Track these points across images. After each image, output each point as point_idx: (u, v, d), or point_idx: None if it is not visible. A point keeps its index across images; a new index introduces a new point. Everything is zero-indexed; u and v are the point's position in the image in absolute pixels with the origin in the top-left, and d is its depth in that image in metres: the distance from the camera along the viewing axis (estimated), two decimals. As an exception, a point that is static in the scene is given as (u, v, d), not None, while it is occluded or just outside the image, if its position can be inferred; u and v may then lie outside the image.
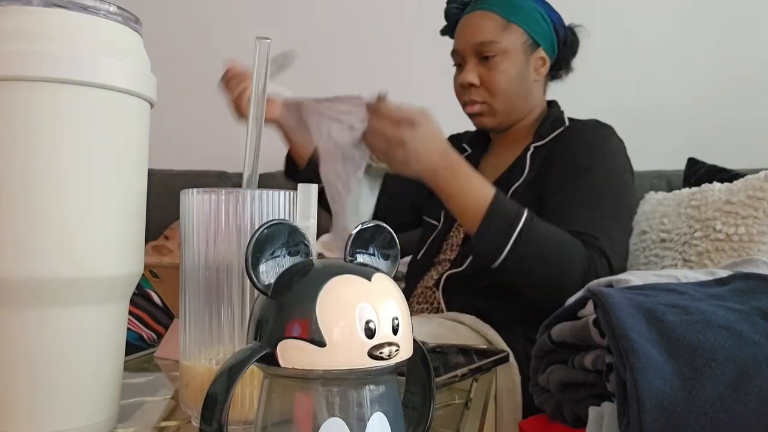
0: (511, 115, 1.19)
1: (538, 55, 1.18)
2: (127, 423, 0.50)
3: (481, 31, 1.15)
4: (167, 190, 1.22)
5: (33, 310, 0.42)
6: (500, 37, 1.14)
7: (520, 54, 1.15)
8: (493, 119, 1.19)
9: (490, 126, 1.20)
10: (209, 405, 0.31)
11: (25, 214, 0.42)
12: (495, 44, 1.13)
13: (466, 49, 1.17)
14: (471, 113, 1.19)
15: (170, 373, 0.69)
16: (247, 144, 0.50)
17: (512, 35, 1.15)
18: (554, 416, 0.72)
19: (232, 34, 2.44)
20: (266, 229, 0.33)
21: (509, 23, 1.15)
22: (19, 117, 0.41)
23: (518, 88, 1.16)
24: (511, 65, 1.15)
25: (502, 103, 1.16)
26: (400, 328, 0.33)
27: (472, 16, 1.18)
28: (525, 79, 1.17)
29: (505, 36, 1.14)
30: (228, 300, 0.45)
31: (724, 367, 0.53)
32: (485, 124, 1.20)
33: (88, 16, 0.44)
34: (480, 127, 1.23)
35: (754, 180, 1.16)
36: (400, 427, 0.35)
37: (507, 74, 1.15)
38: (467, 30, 1.17)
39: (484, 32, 1.15)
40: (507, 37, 1.14)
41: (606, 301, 0.60)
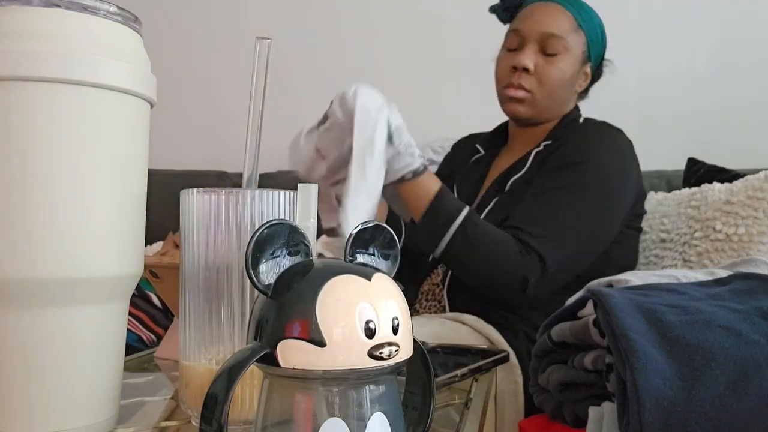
0: (546, 113, 1.18)
1: (586, 69, 1.20)
2: (127, 423, 0.50)
3: (554, 23, 1.14)
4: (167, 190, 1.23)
5: (32, 310, 0.42)
6: (569, 36, 1.14)
7: (578, 60, 1.17)
8: (530, 110, 1.17)
9: (523, 116, 1.18)
10: (209, 405, 0.31)
11: (25, 214, 0.42)
12: (563, 41, 1.14)
13: (532, 35, 1.15)
14: (511, 97, 1.17)
15: (170, 373, 0.69)
16: (247, 144, 0.50)
17: (578, 39, 1.16)
18: (554, 416, 0.73)
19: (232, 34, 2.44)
20: (266, 229, 0.33)
21: (579, 27, 1.16)
22: (18, 117, 0.41)
23: (565, 89, 1.17)
24: (568, 66, 1.15)
25: (546, 98, 1.16)
26: (400, 328, 0.33)
27: (545, 6, 1.17)
28: (571, 85, 1.18)
29: (573, 37, 1.15)
30: (228, 300, 0.45)
31: (724, 367, 0.53)
32: (519, 112, 1.18)
33: (87, 15, 0.44)
34: (511, 114, 1.20)
35: (754, 180, 1.16)
36: (400, 427, 0.35)
37: (562, 73, 1.15)
38: (538, 18, 1.16)
39: (557, 26, 1.14)
40: (574, 39, 1.15)
41: (606, 301, 0.60)
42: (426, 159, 2.08)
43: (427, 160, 2.08)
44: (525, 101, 1.16)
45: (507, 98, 1.17)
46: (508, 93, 1.17)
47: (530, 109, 1.17)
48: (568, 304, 0.71)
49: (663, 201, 1.31)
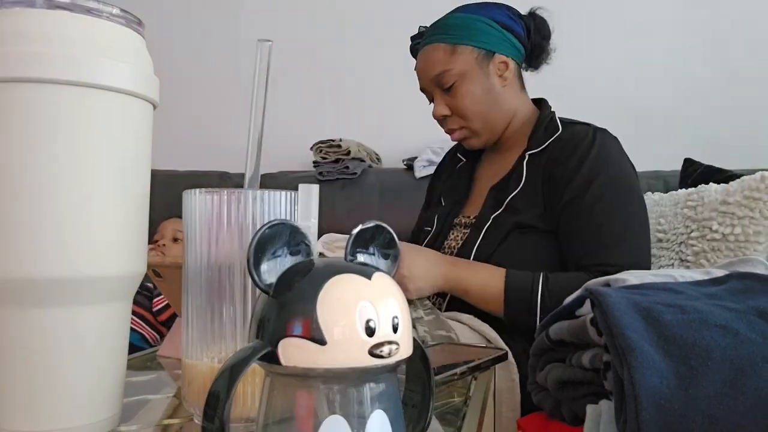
0: (494, 129, 1.20)
1: (497, 61, 1.17)
2: (131, 421, 0.51)
3: (433, 64, 1.16)
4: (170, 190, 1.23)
5: (36, 310, 0.42)
6: (451, 63, 1.15)
7: (477, 70, 1.16)
8: (479, 139, 1.20)
9: (481, 146, 1.22)
10: (211, 403, 0.32)
11: (28, 214, 0.42)
12: (449, 72, 1.15)
13: (428, 85, 1.19)
14: (456, 140, 1.22)
15: (173, 371, 0.69)
16: (249, 145, 0.50)
17: (462, 57, 1.15)
18: (552, 414, 0.73)
19: (234, 36, 2.45)
20: (268, 229, 0.34)
21: (456, 46, 1.15)
22: (22, 118, 0.42)
23: (487, 103, 1.17)
24: (472, 85, 1.15)
25: (479, 123, 1.18)
26: (399, 326, 0.34)
27: (423, 52, 1.20)
28: (491, 92, 1.17)
29: (456, 60, 1.15)
30: (230, 299, 0.46)
31: (721, 366, 0.53)
32: (474, 145, 1.22)
33: (90, 18, 0.44)
34: (472, 149, 1.25)
35: (750, 180, 1.16)
36: (400, 424, 0.35)
37: (471, 95, 1.15)
38: (421, 67, 1.20)
39: (435, 64, 1.16)
40: (458, 61, 1.15)
41: (603, 300, 0.60)
42: (426, 159, 2.09)
43: (426, 161, 2.08)
44: (468, 137, 1.20)
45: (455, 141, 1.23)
46: (452, 139, 1.22)
47: (477, 138, 1.20)
48: (566, 302, 0.72)
49: (660, 201, 1.32)
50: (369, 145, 2.28)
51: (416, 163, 2.09)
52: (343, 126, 2.27)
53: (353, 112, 2.37)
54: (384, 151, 2.32)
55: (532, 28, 1.21)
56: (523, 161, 1.15)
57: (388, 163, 2.31)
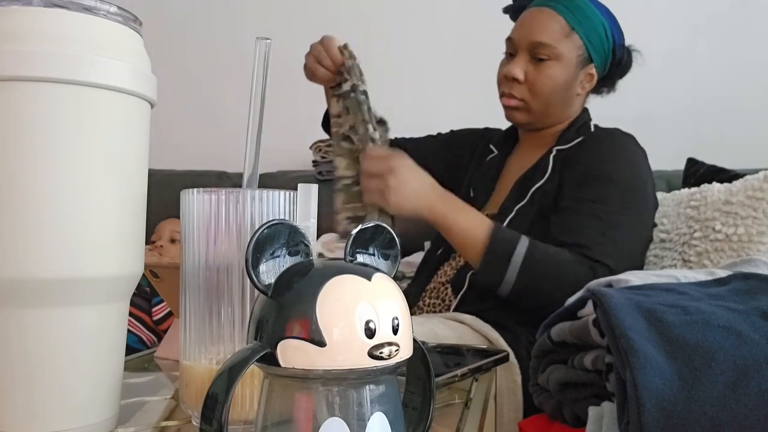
0: (545, 120, 1.18)
1: (589, 70, 1.17)
2: (128, 423, 0.50)
3: (542, 30, 1.13)
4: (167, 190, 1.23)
5: (33, 310, 0.42)
6: (559, 42, 1.12)
7: (573, 65, 1.14)
8: (527, 117, 1.18)
9: (521, 122, 1.19)
10: (209, 405, 0.32)
11: (25, 214, 0.42)
12: (552, 48, 1.12)
13: (522, 43, 1.14)
14: (506, 106, 1.18)
15: (170, 372, 0.69)
16: (247, 144, 0.50)
17: (571, 44, 1.13)
18: (554, 416, 0.73)
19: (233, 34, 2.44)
20: (266, 229, 0.33)
21: (572, 31, 1.13)
22: (19, 117, 0.41)
23: (560, 96, 1.16)
24: (560, 73, 1.13)
25: (540, 106, 1.16)
26: (400, 327, 0.33)
27: (538, 12, 1.15)
28: (569, 90, 1.16)
29: (565, 43, 1.13)
30: (228, 300, 0.46)
31: (724, 367, 0.53)
32: (517, 119, 1.19)
33: (88, 16, 0.44)
34: (510, 120, 1.22)
35: (754, 180, 1.16)
36: (400, 426, 0.35)
37: (554, 80, 1.13)
38: (529, 24, 1.15)
39: (546, 33, 1.12)
40: (566, 45, 1.13)
41: (605, 301, 0.60)
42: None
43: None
44: (519, 109, 1.17)
45: (504, 106, 1.19)
46: (503, 102, 1.18)
47: (526, 116, 1.17)
48: (567, 303, 0.71)
49: (662, 201, 1.31)
50: (369, 144, 2.28)
51: (416, 163, 2.09)
52: (343, 126, 2.26)
53: (353, 111, 2.36)
54: (384, 150, 2.32)
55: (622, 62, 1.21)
56: (550, 155, 1.15)
57: (388, 162, 2.31)
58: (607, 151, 1.12)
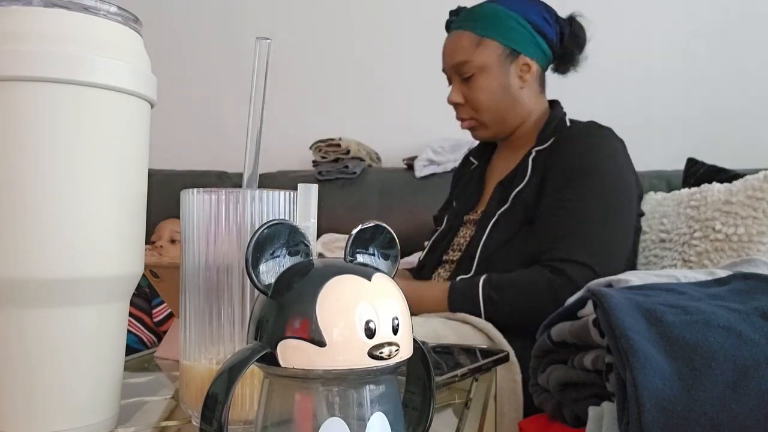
0: (504, 126, 1.21)
1: (521, 62, 1.18)
2: (128, 423, 0.50)
3: (456, 51, 1.18)
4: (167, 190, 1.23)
5: (32, 310, 0.42)
6: (474, 55, 1.16)
7: (498, 67, 1.17)
8: (487, 131, 1.22)
9: (487, 137, 1.24)
10: (209, 405, 0.31)
11: (25, 214, 0.42)
12: (470, 63, 1.16)
13: (448, 70, 1.21)
14: (465, 128, 1.23)
15: (170, 372, 0.69)
16: (248, 144, 0.50)
17: (487, 51, 1.16)
18: (554, 416, 0.73)
19: (233, 34, 2.44)
20: (266, 229, 0.33)
21: (483, 39, 1.16)
22: (19, 117, 0.41)
23: (502, 100, 1.18)
24: (490, 80, 1.16)
25: (489, 117, 1.19)
26: (400, 327, 0.33)
27: (450, 37, 1.21)
28: (508, 90, 1.18)
29: (480, 53, 1.16)
30: (228, 300, 0.45)
31: (724, 367, 0.53)
32: (480, 136, 1.24)
33: (88, 16, 0.44)
34: (477, 139, 1.26)
35: (754, 180, 1.16)
36: (400, 426, 0.35)
37: (487, 90, 1.17)
38: (446, 51, 1.21)
39: (459, 53, 1.17)
40: (481, 54, 1.16)
41: (605, 301, 0.60)
42: (426, 159, 2.09)
43: (426, 161, 2.08)
44: (476, 128, 1.22)
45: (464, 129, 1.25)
46: (461, 126, 1.24)
47: (486, 130, 1.22)
48: (567, 304, 0.71)
49: (662, 201, 1.31)
50: (369, 144, 2.28)
51: (416, 163, 2.09)
52: (343, 125, 2.26)
53: (353, 111, 2.37)
54: (384, 150, 2.32)
55: (567, 34, 1.21)
56: (529, 157, 1.16)
57: (388, 162, 2.31)
58: (583, 146, 1.13)
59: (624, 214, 1.11)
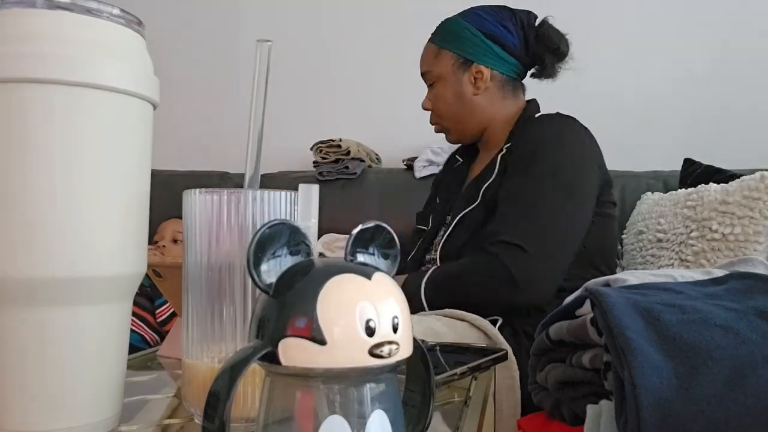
0: (464, 130, 1.27)
1: (473, 70, 1.23)
2: (131, 421, 0.51)
3: (421, 61, 1.28)
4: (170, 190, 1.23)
5: (35, 310, 0.42)
6: (433, 65, 1.24)
7: (452, 76, 1.23)
8: (452, 135, 1.29)
9: (454, 141, 1.32)
10: (212, 403, 0.32)
11: (27, 214, 0.42)
12: (430, 73, 1.26)
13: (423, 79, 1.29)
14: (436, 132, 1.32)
15: (173, 371, 0.69)
16: (249, 145, 0.50)
17: (442, 61, 1.24)
18: (552, 414, 0.73)
19: (234, 36, 2.45)
20: (268, 229, 0.34)
21: (440, 50, 1.24)
22: (22, 118, 0.42)
23: (457, 107, 1.24)
24: (445, 89, 1.24)
25: (450, 123, 1.27)
26: (400, 326, 0.34)
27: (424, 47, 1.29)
28: (462, 98, 1.23)
29: (437, 63, 1.24)
30: (230, 299, 0.46)
31: (721, 366, 0.53)
32: (450, 140, 1.32)
33: (91, 18, 0.44)
34: (449, 142, 1.34)
35: (750, 180, 1.16)
36: (400, 424, 0.35)
37: (443, 98, 1.25)
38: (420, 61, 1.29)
39: (423, 63, 1.27)
40: (438, 64, 1.24)
41: (603, 300, 0.60)
42: (426, 160, 2.09)
43: (426, 161, 2.08)
44: (444, 131, 1.30)
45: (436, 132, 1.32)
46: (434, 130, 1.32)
47: (450, 134, 1.30)
48: (565, 302, 0.72)
49: (659, 201, 1.32)
50: (369, 145, 2.28)
51: (416, 163, 2.09)
52: (343, 126, 2.27)
53: (353, 112, 2.37)
54: (384, 151, 2.32)
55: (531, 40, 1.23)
56: (499, 155, 1.19)
57: (388, 163, 2.31)
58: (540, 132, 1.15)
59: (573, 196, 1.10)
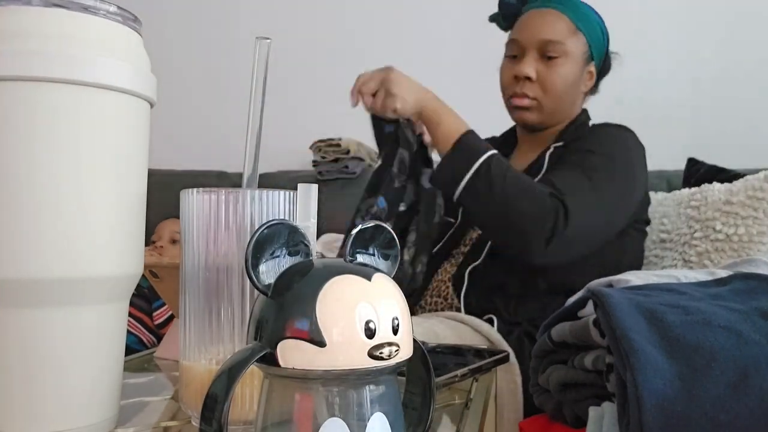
0: (555, 117, 1.20)
1: (590, 68, 1.21)
2: (128, 423, 0.50)
3: (550, 29, 1.16)
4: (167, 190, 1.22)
5: (32, 310, 0.42)
6: (567, 39, 1.16)
7: (580, 61, 1.18)
8: (538, 116, 1.19)
9: (532, 122, 1.20)
10: (209, 405, 0.31)
11: (25, 214, 0.42)
12: (561, 45, 1.15)
13: (530, 43, 1.16)
14: (517, 106, 1.19)
15: (170, 373, 0.69)
16: (247, 144, 0.50)
17: (578, 41, 1.17)
18: (554, 416, 0.72)
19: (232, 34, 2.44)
20: (266, 229, 0.33)
21: (577, 30, 1.17)
22: (18, 117, 0.41)
23: (569, 92, 1.18)
24: (570, 69, 1.16)
25: (552, 103, 1.17)
26: (400, 328, 0.33)
27: (542, 13, 1.18)
28: (576, 86, 1.19)
29: (572, 40, 1.16)
30: (228, 300, 0.45)
31: (724, 367, 0.53)
32: (527, 119, 1.20)
33: (87, 15, 0.44)
34: (520, 121, 1.23)
35: (754, 180, 1.16)
36: (400, 427, 0.35)
37: (565, 77, 1.16)
38: (536, 24, 1.17)
39: (554, 31, 1.16)
40: (573, 42, 1.16)
41: (606, 301, 0.60)
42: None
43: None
44: (531, 108, 1.18)
45: (513, 107, 1.20)
46: (514, 102, 1.19)
47: (538, 115, 1.19)
48: (568, 304, 0.71)
49: (663, 201, 1.31)
50: (369, 144, 2.28)
51: (416, 163, 2.09)
52: (343, 125, 2.26)
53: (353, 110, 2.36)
54: (384, 150, 2.32)
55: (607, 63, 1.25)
56: (547, 152, 1.17)
57: (388, 162, 2.31)
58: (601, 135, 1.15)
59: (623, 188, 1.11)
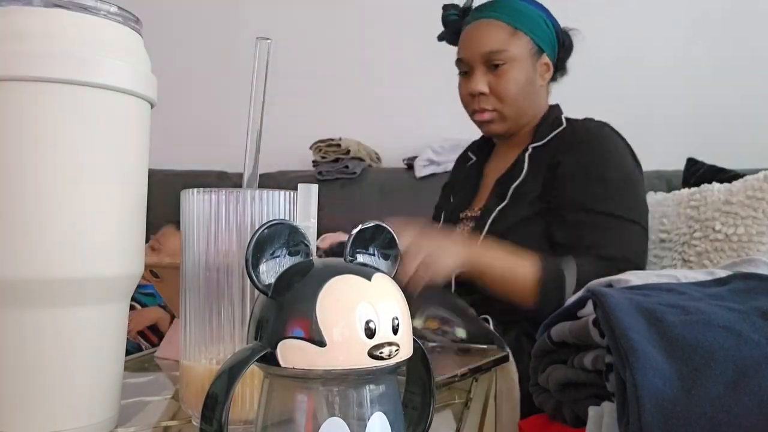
0: (519, 121, 1.21)
1: (543, 60, 1.20)
2: (128, 423, 0.50)
3: (489, 39, 1.16)
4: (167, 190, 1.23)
5: (33, 310, 0.42)
6: (508, 44, 1.15)
7: (528, 61, 1.17)
8: (503, 125, 1.20)
9: (500, 132, 1.22)
10: (210, 405, 0.32)
11: (25, 214, 0.42)
12: (504, 52, 1.15)
13: (474, 58, 1.18)
14: (481, 121, 1.20)
15: (171, 373, 0.69)
16: (248, 144, 0.50)
17: (520, 42, 1.16)
18: (554, 416, 0.73)
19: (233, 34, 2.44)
20: (266, 229, 0.33)
21: (516, 30, 1.16)
22: (18, 117, 0.41)
23: (526, 94, 1.18)
24: (519, 72, 1.16)
25: (512, 110, 1.18)
26: (400, 327, 0.33)
27: (479, 25, 1.19)
28: (532, 85, 1.19)
29: (513, 43, 1.16)
30: (228, 300, 0.45)
31: (724, 367, 0.53)
32: (494, 130, 1.22)
33: (88, 16, 0.44)
34: (489, 134, 1.25)
35: (754, 180, 1.16)
36: (400, 426, 0.35)
37: (516, 81, 1.16)
38: (474, 39, 1.18)
39: (493, 41, 1.16)
40: (515, 45, 1.16)
41: (606, 301, 0.60)
42: (426, 159, 2.08)
43: (426, 161, 2.08)
44: (494, 120, 1.20)
45: (478, 122, 1.22)
46: (476, 118, 1.21)
47: (502, 124, 1.20)
48: (568, 303, 0.71)
49: (662, 201, 1.31)
50: (369, 144, 2.28)
51: (416, 163, 2.09)
52: (343, 125, 2.26)
53: (353, 111, 2.37)
54: (384, 150, 2.32)
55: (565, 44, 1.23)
56: (526, 153, 1.17)
57: (388, 162, 2.31)
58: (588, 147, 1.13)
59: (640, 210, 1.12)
